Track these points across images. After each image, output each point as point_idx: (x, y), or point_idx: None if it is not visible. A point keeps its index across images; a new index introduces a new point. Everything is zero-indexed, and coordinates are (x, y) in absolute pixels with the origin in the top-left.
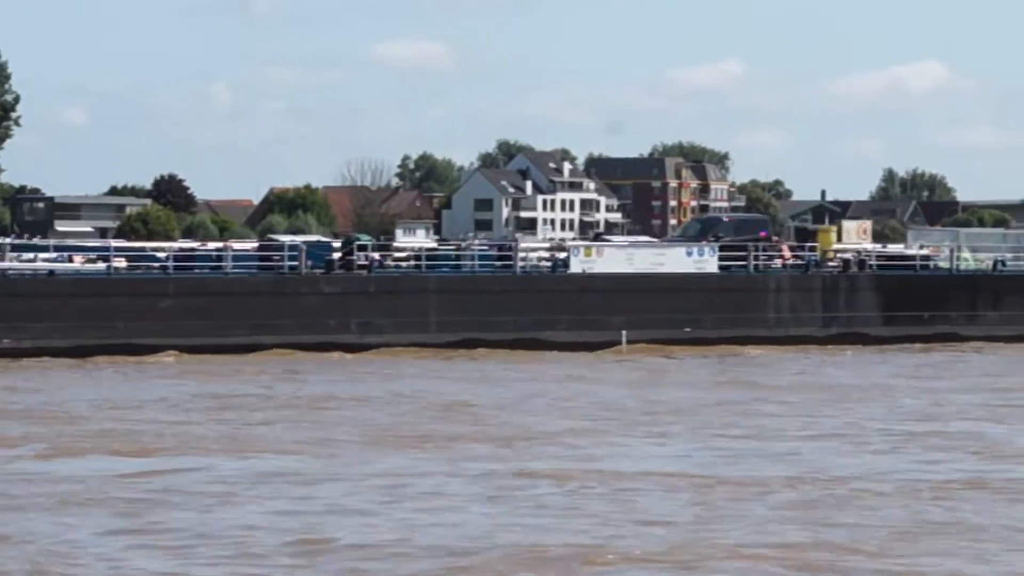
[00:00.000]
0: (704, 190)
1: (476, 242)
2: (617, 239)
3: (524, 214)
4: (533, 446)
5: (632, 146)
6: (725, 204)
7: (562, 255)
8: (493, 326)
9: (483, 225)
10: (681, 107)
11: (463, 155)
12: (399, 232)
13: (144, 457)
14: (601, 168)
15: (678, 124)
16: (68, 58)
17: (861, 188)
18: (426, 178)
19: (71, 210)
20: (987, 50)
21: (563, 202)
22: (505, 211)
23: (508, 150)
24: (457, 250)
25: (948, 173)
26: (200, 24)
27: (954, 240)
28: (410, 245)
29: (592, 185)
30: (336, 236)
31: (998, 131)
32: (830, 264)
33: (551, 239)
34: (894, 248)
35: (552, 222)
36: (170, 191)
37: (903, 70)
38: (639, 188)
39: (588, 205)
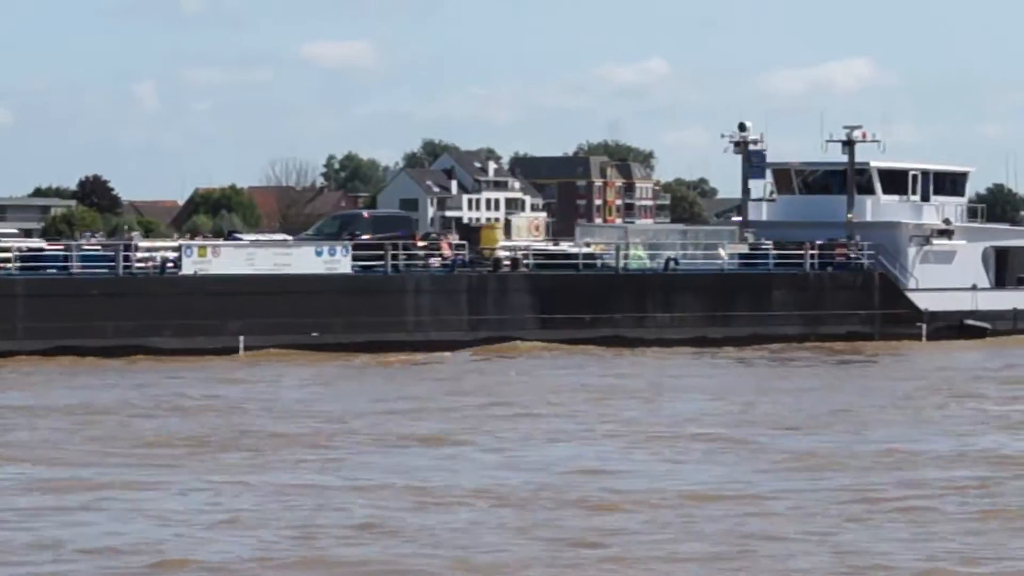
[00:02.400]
0: (629, 189)
1: (86, 242)
2: (248, 237)
3: (450, 213)
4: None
5: (557, 145)
6: (650, 203)
7: (173, 255)
8: (91, 332)
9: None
10: (606, 106)
11: (388, 155)
12: None
13: None
14: (526, 167)
15: (603, 123)
16: None
17: None
18: (351, 178)
19: None
20: (912, 48)
21: (488, 201)
22: (431, 211)
23: (433, 150)
24: (66, 250)
25: None
26: (126, 24)
27: (622, 237)
28: (16, 245)
29: (517, 184)
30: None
31: (922, 128)
32: (484, 264)
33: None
34: (567, 245)
35: (477, 221)
36: (95, 192)
37: (830, 67)
38: (564, 187)
39: (513, 204)
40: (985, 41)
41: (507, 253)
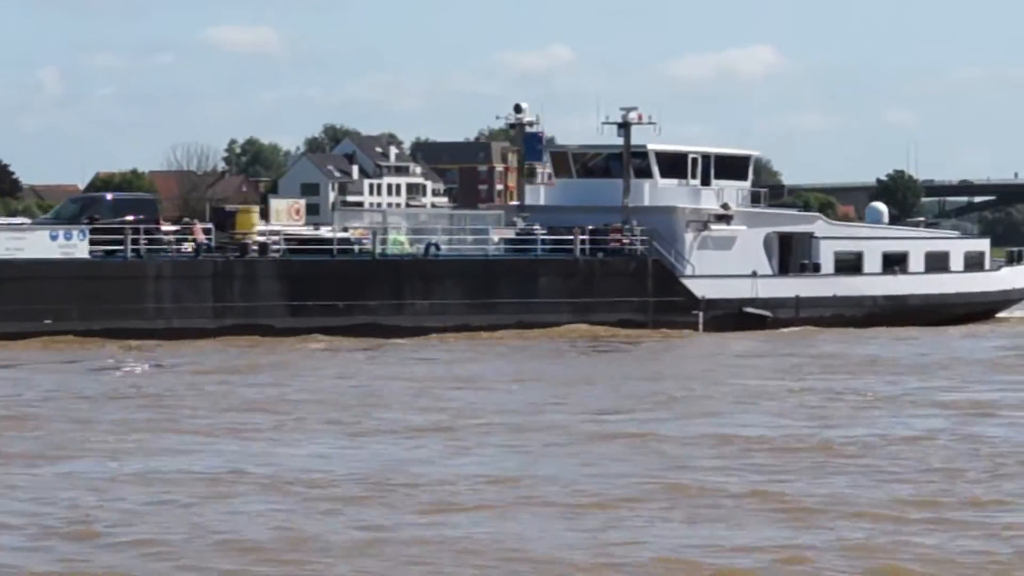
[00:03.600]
0: (531, 174)
1: None
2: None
3: (351, 198)
4: None
5: (459, 130)
6: None
7: None
8: None
9: (310, 210)
10: (510, 92)
11: (290, 140)
12: None
13: None
14: (427, 152)
15: (506, 109)
16: None
17: None
18: (253, 163)
19: None
20: (816, 35)
21: (389, 186)
22: (331, 195)
23: (335, 135)
24: None
25: (774, 157)
26: (30, 9)
27: (381, 222)
28: None
29: (418, 169)
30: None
31: (825, 115)
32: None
33: None
34: (325, 230)
35: (379, 206)
36: None
37: (734, 54)
38: (465, 172)
39: (414, 189)
40: (888, 30)
41: (261, 238)
